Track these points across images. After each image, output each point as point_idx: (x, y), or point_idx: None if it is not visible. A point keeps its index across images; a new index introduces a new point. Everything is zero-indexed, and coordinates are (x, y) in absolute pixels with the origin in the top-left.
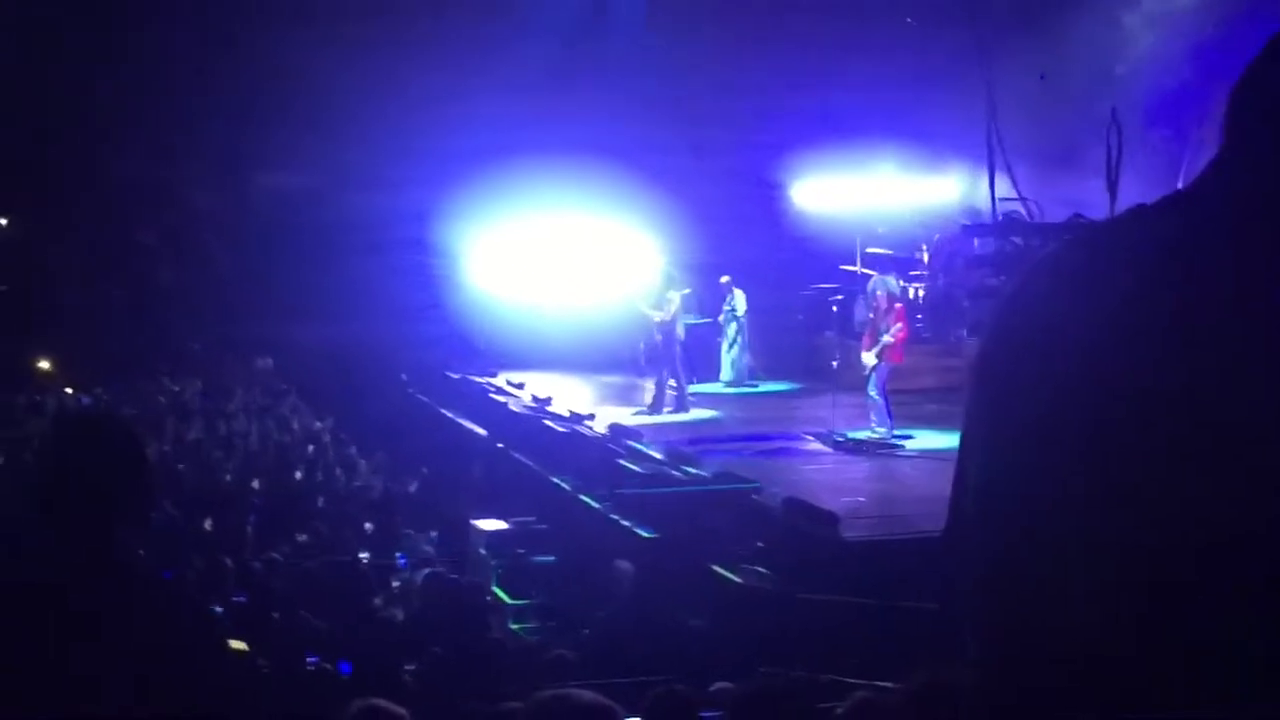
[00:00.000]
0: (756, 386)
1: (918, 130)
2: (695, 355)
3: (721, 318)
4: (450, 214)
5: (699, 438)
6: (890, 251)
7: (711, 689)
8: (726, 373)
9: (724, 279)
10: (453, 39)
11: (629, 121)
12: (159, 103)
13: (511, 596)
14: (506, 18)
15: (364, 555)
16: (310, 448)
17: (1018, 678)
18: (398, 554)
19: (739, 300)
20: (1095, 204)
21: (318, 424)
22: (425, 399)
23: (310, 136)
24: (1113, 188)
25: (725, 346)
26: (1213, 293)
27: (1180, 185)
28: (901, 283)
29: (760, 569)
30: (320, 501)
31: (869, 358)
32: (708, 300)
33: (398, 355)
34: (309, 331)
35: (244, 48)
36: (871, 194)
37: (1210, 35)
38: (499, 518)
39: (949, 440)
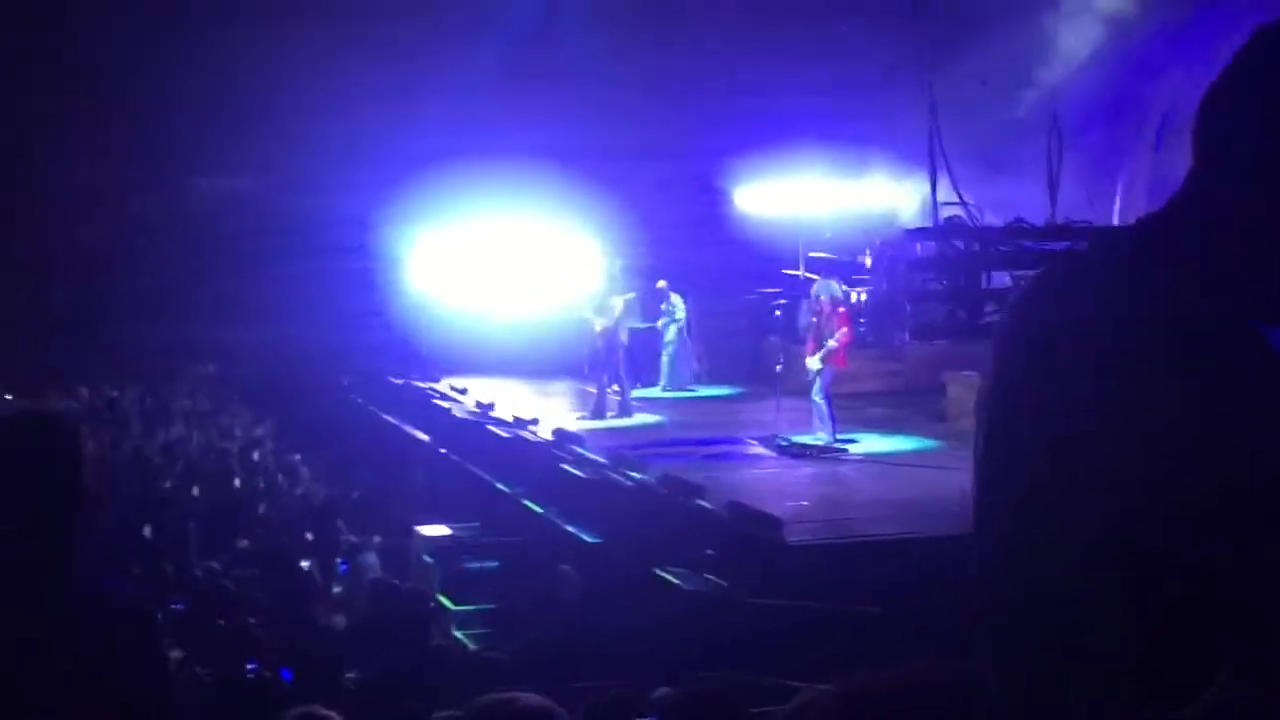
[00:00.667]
0: (695, 391)
1: (856, 134)
2: (640, 360)
3: (660, 322)
4: (392, 218)
5: (643, 442)
6: (833, 256)
7: (654, 694)
8: (665, 378)
9: (661, 283)
10: (395, 40)
11: (573, 125)
12: (96, 105)
13: (455, 603)
14: (451, 19)
15: (306, 563)
16: (254, 454)
17: (1034, 679)
18: (340, 560)
19: (677, 304)
20: (1035, 207)
21: (259, 430)
22: (368, 404)
23: (251, 138)
24: (1053, 191)
25: (664, 351)
26: (1198, 313)
27: (1119, 191)
28: (844, 287)
29: (705, 573)
30: (262, 508)
31: (813, 362)
32: (652, 305)
33: (340, 360)
34: (251, 336)
35: (184, 48)
36: (812, 199)
37: (1145, 39)
38: (442, 524)
39: (892, 444)
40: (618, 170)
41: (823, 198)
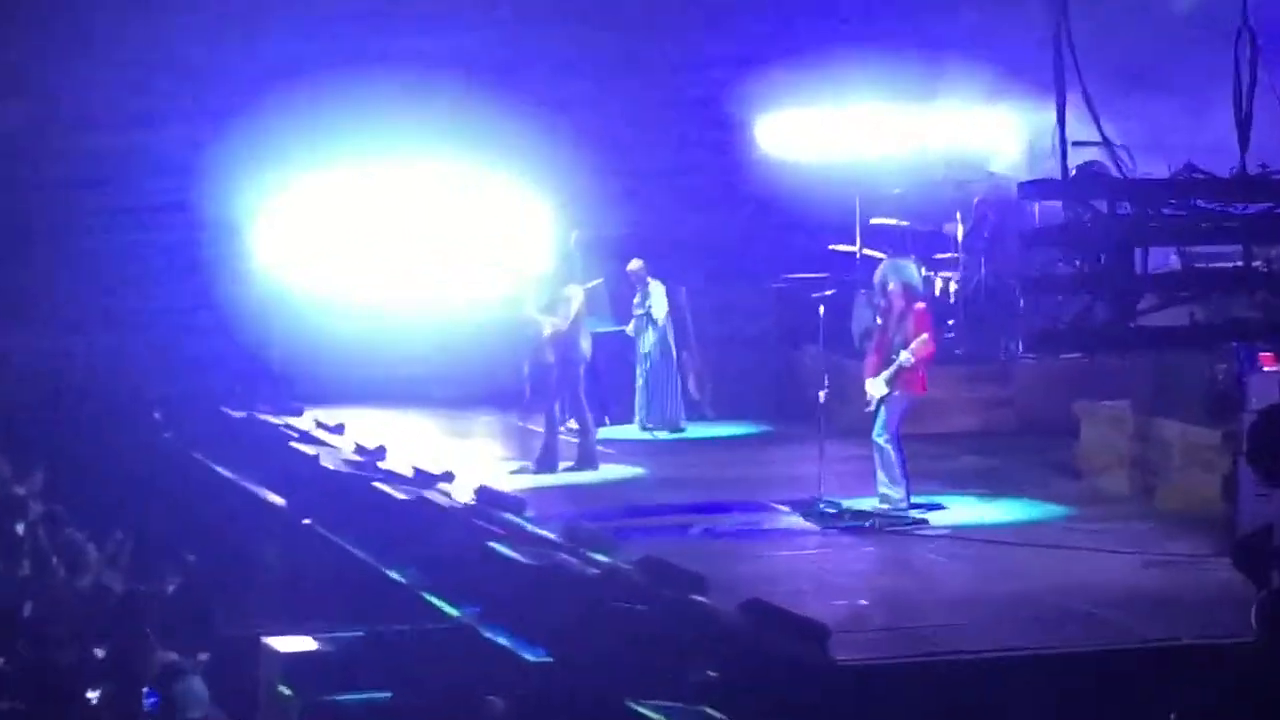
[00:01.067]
0: (687, 431)
1: (936, 38)
2: (609, 383)
3: (632, 326)
4: (227, 164)
5: (614, 509)
6: (907, 223)
7: None
8: (642, 409)
9: (634, 266)
10: None
11: (506, 24)
12: None
13: None
14: None
15: (93, 694)
16: (16, 525)
17: None
18: (146, 691)
19: (657, 298)
20: (1214, 150)
21: (20, 488)
22: (190, 450)
23: (6, 49)
24: (1243, 126)
25: (639, 369)
26: None
27: None
28: (925, 271)
29: (707, 710)
30: (27, 609)
31: (876, 386)
32: (624, 298)
33: (148, 382)
34: (7, 344)
35: None
36: (875, 135)
37: None
38: (304, 633)
39: (995, 512)
40: (577, 91)
41: (887, 134)
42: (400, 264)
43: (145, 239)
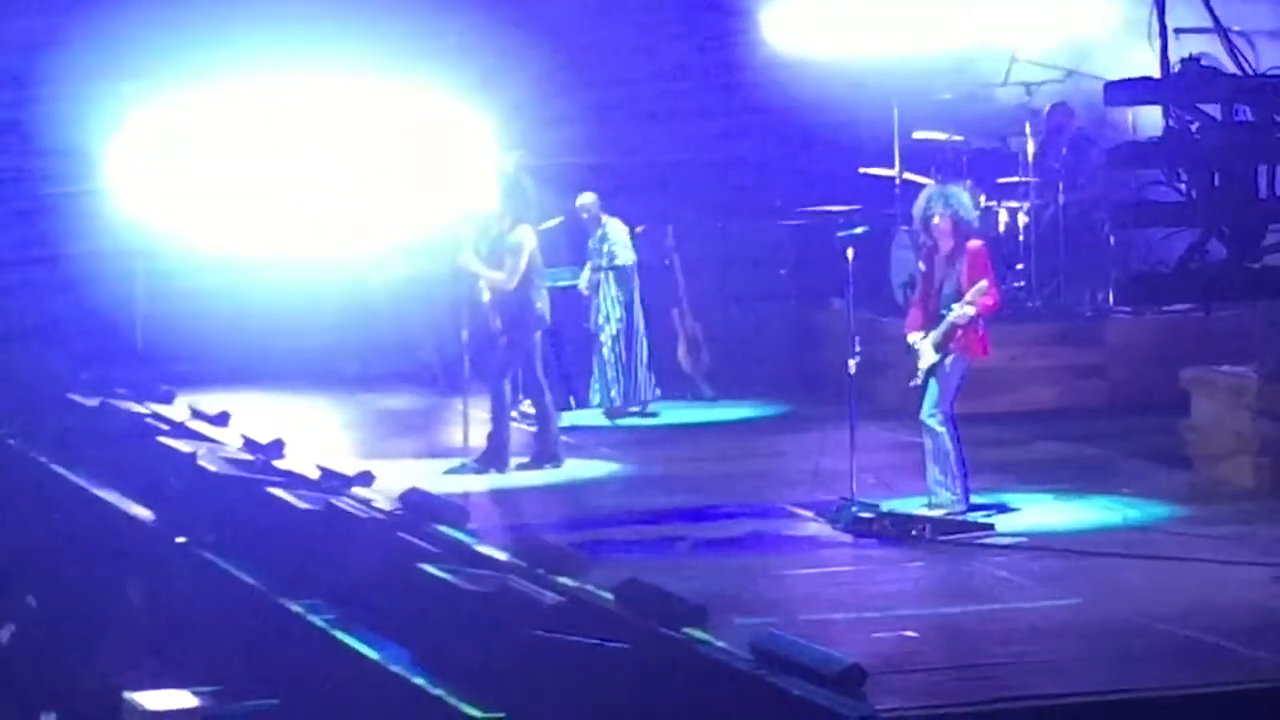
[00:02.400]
0: (654, 416)
1: None
2: (577, 352)
3: (585, 279)
4: (73, 73)
5: (582, 518)
6: (960, 138)
7: None
8: (600, 389)
9: (584, 200)
10: None
11: None
12: None
13: None
14: None
15: None
16: None
17: None
18: None
19: (617, 241)
20: None
21: None
22: (26, 448)
23: None
24: None
25: (601, 335)
26: None
27: None
28: (985, 200)
29: None
30: None
31: (923, 351)
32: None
33: None
34: None
35: None
36: (918, 24)
37: None
38: (180, 687)
39: (1080, 514)
40: None
41: (934, 23)
42: (298, 205)
43: None
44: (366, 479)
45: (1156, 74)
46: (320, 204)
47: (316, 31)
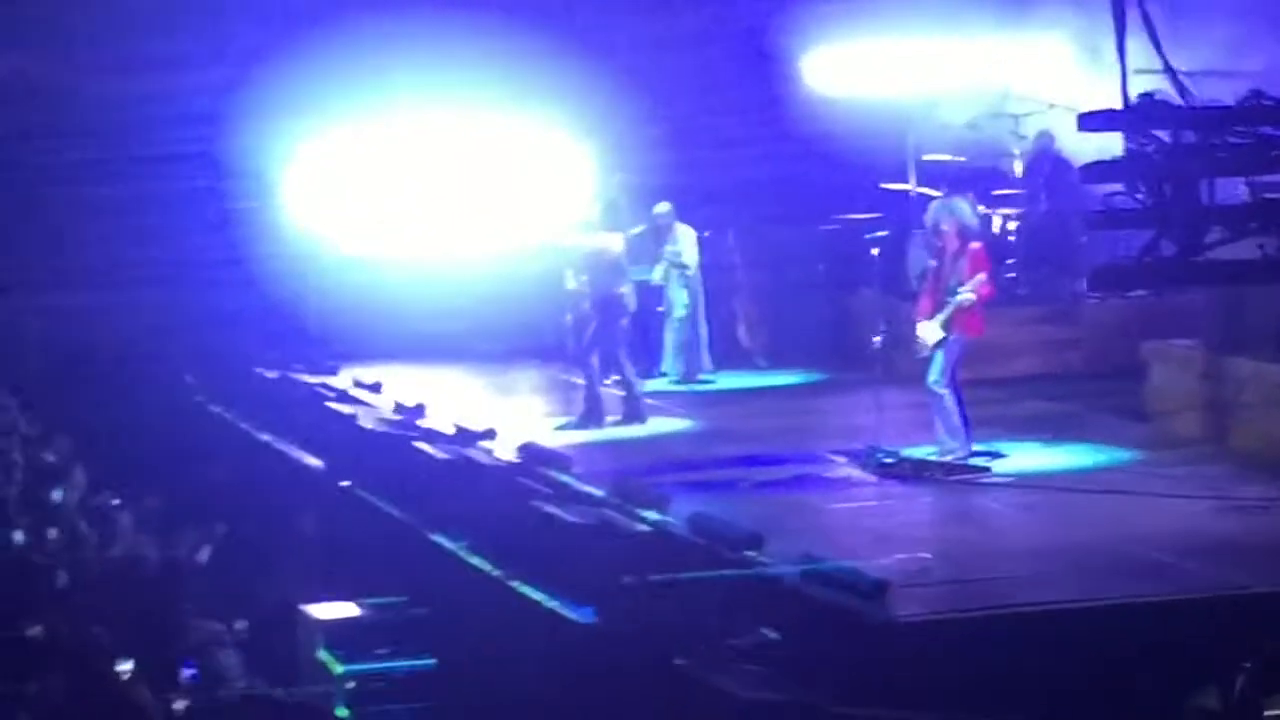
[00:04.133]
0: (713, 382)
1: None
2: (655, 335)
3: (658, 273)
4: (256, 112)
5: (663, 463)
6: (962, 159)
7: None
8: (671, 361)
9: (660, 209)
10: None
11: None
12: None
13: None
14: None
15: (126, 665)
16: (54, 493)
17: None
18: (184, 661)
19: (685, 243)
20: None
21: (49, 454)
22: (222, 412)
23: None
24: None
25: (669, 322)
26: None
27: None
28: (982, 208)
29: (765, 670)
30: (61, 579)
31: (930, 329)
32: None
33: (177, 341)
34: (24, 304)
35: None
36: (929, 68)
37: None
38: (345, 599)
39: (1060, 458)
40: (613, 27)
41: (941, 68)
42: (437, 214)
43: (165, 191)
44: (491, 434)
45: (1118, 106)
46: (455, 214)
47: (455, 77)
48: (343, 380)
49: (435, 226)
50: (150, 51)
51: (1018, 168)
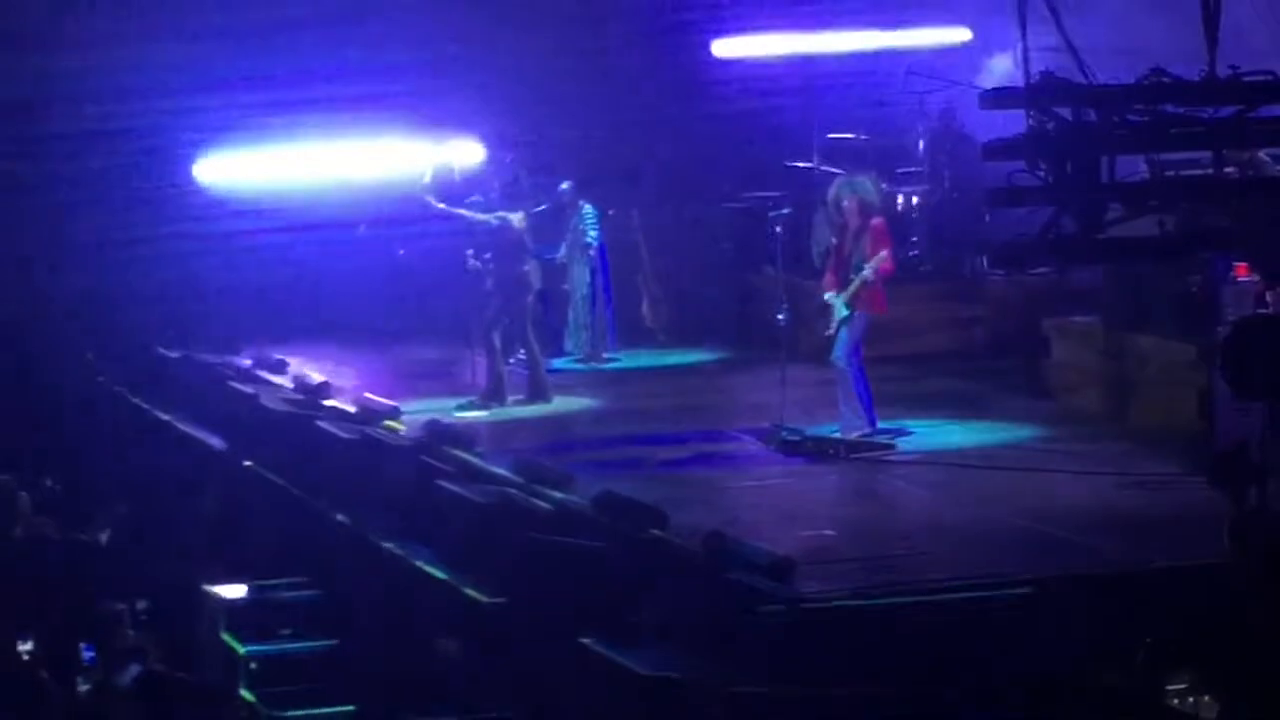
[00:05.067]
0: (617, 360)
1: None
2: (562, 312)
3: (562, 253)
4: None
5: (567, 442)
6: (864, 137)
7: None
8: (574, 340)
9: (563, 188)
10: None
11: None
12: None
13: (270, 706)
14: None
15: (25, 646)
16: None
17: None
18: (84, 645)
19: (587, 220)
20: (1180, 54)
21: None
22: (124, 392)
23: None
24: (1210, 27)
25: (573, 301)
26: None
27: None
28: (884, 185)
29: (665, 647)
30: None
31: (837, 306)
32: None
33: (77, 320)
34: None
35: None
36: (833, 40)
37: None
38: (246, 580)
39: (963, 435)
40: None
41: (847, 39)
42: (337, 185)
43: (77, 168)
44: (396, 412)
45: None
46: (350, 184)
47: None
48: (246, 360)
49: (336, 197)
50: (68, 28)
51: (921, 145)
